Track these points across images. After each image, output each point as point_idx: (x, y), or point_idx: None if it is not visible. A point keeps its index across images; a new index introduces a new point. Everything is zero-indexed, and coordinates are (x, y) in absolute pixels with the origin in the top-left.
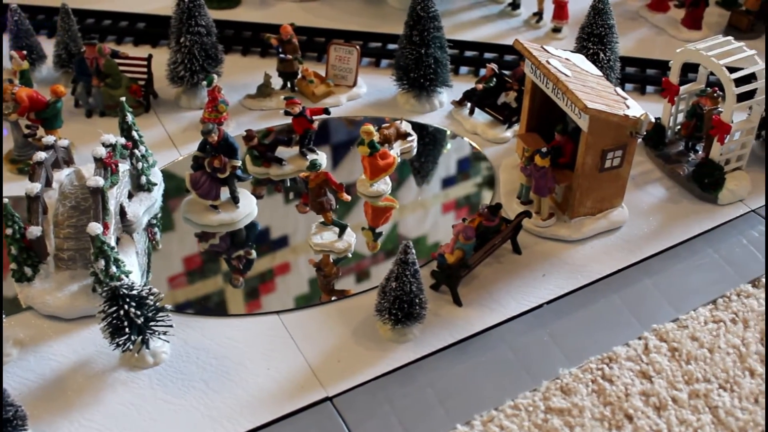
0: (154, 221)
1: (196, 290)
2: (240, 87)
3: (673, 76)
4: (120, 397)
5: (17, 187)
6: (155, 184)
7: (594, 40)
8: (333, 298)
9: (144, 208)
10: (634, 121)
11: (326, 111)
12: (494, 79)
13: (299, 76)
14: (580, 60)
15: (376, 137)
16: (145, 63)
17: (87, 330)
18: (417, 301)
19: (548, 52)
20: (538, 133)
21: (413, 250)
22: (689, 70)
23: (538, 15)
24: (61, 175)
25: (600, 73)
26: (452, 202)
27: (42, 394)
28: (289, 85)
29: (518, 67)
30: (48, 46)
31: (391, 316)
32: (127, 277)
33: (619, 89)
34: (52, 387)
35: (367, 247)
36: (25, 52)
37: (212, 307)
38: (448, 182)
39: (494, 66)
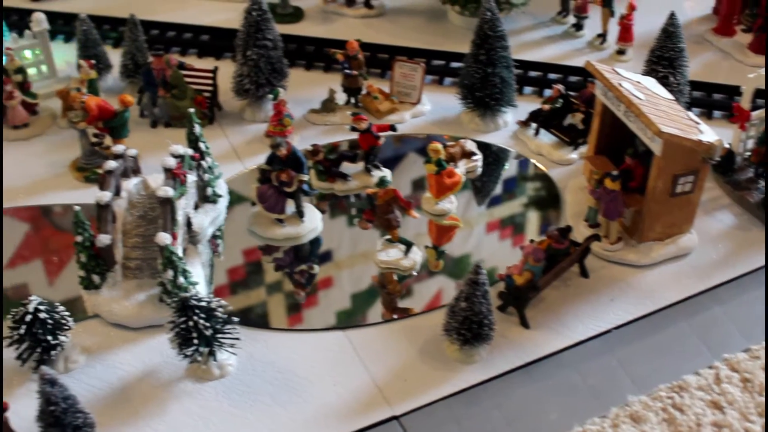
0: (218, 233)
1: (260, 303)
2: (303, 101)
3: (745, 102)
4: (186, 408)
5: (84, 195)
6: (220, 196)
7: (664, 63)
8: (395, 317)
9: (209, 219)
10: (707, 147)
11: (392, 128)
12: (560, 100)
13: (364, 92)
14: (652, 83)
15: (443, 155)
16: (211, 75)
17: (153, 339)
18: (486, 322)
19: (620, 74)
20: (606, 156)
21: (484, 271)
22: (759, 96)
23: (602, 36)
24: (129, 185)
25: (672, 97)
26: (516, 222)
27: (109, 402)
28: (353, 100)
29: (585, 89)
30: (113, 55)
31: (460, 336)
32: (193, 287)
33: (691, 113)
34: (118, 395)
35: (429, 266)
36: (93, 61)
37: (277, 320)
38: (511, 202)
39: (561, 87)
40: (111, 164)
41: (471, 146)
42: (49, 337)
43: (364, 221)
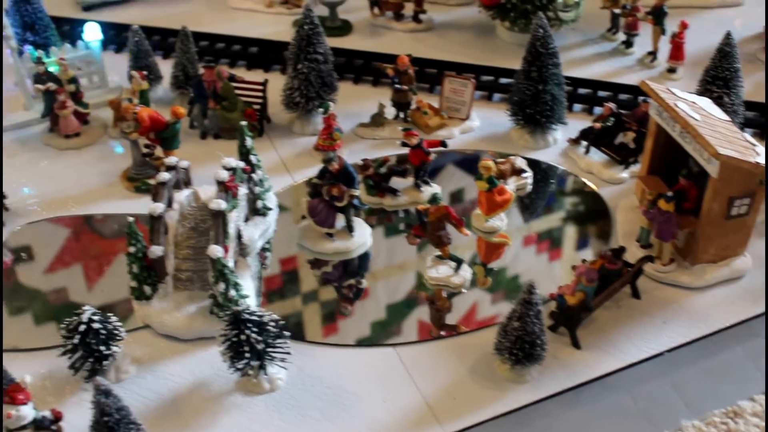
0: (267, 245)
1: (310, 317)
2: (352, 115)
3: None
4: (236, 421)
5: (134, 205)
6: (270, 209)
7: (719, 83)
8: (443, 333)
9: (259, 232)
10: (765, 169)
11: (443, 143)
12: (612, 118)
13: (413, 106)
14: (707, 104)
15: (494, 172)
16: (261, 87)
17: (203, 351)
18: (538, 342)
19: (675, 94)
20: (659, 176)
21: (537, 291)
22: None
23: (653, 54)
24: (181, 196)
25: (727, 118)
26: (565, 241)
27: (160, 413)
28: (402, 115)
29: (638, 108)
30: (163, 66)
31: (512, 355)
32: (244, 301)
33: (747, 135)
34: (169, 407)
35: (477, 283)
36: (145, 72)
37: (326, 335)
38: (560, 221)
39: (612, 105)
40: (164, 176)
41: (521, 163)
42: (102, 347)
43: (412, 236)
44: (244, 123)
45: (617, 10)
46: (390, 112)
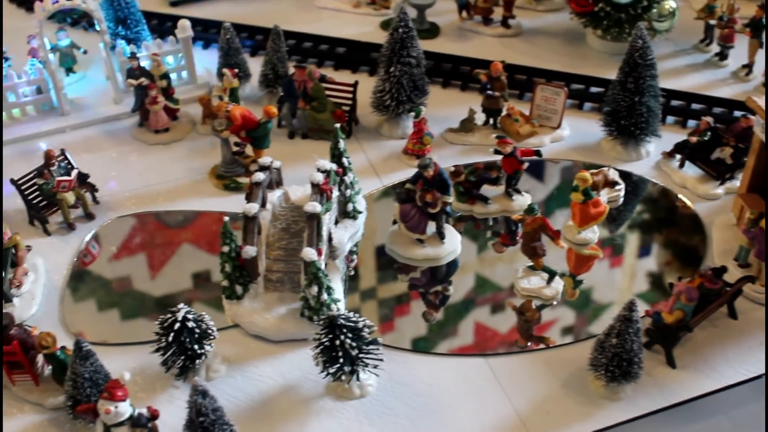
0: (354, 248)
1: (399, 325)
2: (440, 119)
3: None
4: (326, 426)
5: (223, 203)
6: (360, 212)
7: None
8: (530, 344)
9: (348, 234)
10: None
11: (537, 153)
12: (709, 133)
13: (504, 113)
14: None
15: (590, 185)
16: (351, 89)
17: (293, 354)
18: (636, 360)
19: None
20: (759, 194)
21: (638, 308)
22: None
23: (748, 67)
24: (273, 197)
25: None
26: (658, 257)
27: (250, 414)
28: (492, 121)
29: (737, 123)
30: (251, 64)
31: (608, 372)
32: (335, 305)
33: None
34: (259, 408)
35: (566, 295)
36: (236, 70)
37: (417, 343)
38: (653, 236)
39: (710, 119)
40: (259, 176)
41: (614, 175)
42: (195, 346)
43: (500, 245)
44: (337, 125)
45: (713, 21)
46: (480, 118)
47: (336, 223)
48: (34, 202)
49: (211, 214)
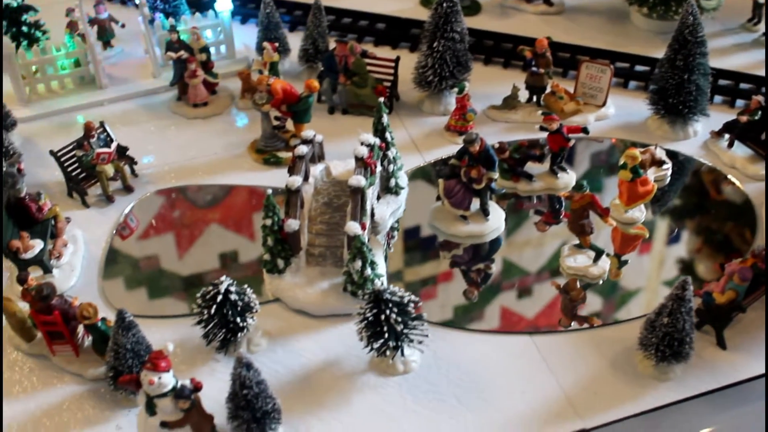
0: (395, 225)
1: (441, 301)
2: (482, 97)
3: None
4: (369, 401)
5: (261, 177)
6: (402, 188)
7: None
8: (574, 324)
9: (390, 210)
10: None
11: (585, 130)
12: (759, 112)
13: (548, 90)
14: None
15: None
16: (393, 64)
17: (335, 329)
18: (687, 340)
19: None
20: None
21: (690, 287)
22: None
23: None
24: (315, 171)
25: None
26: (706, 237)
27: (293, 388)
28: (535, 99)
29: None
30: (290, 39)
31: (658, 352)
32: (378, 279)
33: None
34: (301, 382)
35: (610, 275)
36: (276, 44)
37: (458, 319)
38: (701, 216)
39: (761, 98)
40: (302, 149)
41: (661, 154)
42: (237, 319)
43: (542, 223)
44: (381, 99)
45: (761, 0)
46: (523, 95)
47: (378, 198)
48: (73, 174)
49: (250, 189)
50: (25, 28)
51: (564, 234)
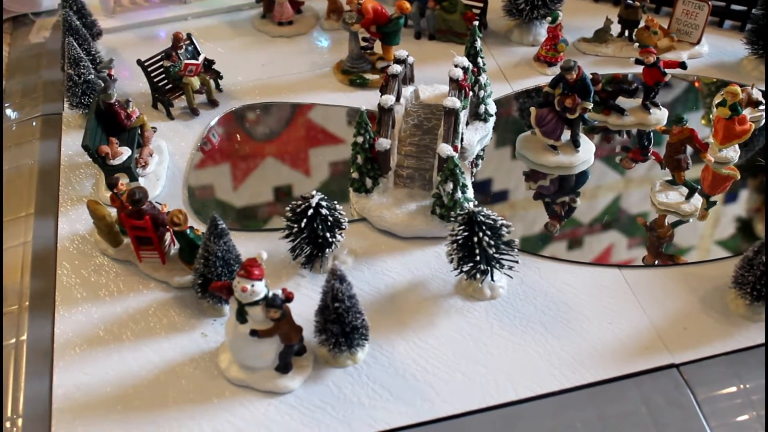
0: (481, 152)
1: (528, 231)
2: (572, 29)
3: None
4: (455, 324)
5: (345, 98)
6: (491, 115)
7: None
8: (658, 263)
9: (478, 137)
10: None
11: (682, 65)
12: None
13: (641, 25)
14: None
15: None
16: None
17: (421, 251)
18: None
19: None
20: None
21: None
22: None
23: None
24: (406, 92)
25: None
26: None
27: (378, 308)
28: (627, 33)
29: None
30: None
31: (754, 291)
32: (468, 204)
33: None
34: (386, 302)
35: (698, 216)
36: None
37: (547, 249)
38: None
39: None
40: (396, 68)
41: (757, 94)
42: (327, 234)
43: (628, 160)
44: (476, 23)
45: None
46: (615, 29)
47: (467, 124)
48: (160, 84)
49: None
50: None
51: (654, 171)
